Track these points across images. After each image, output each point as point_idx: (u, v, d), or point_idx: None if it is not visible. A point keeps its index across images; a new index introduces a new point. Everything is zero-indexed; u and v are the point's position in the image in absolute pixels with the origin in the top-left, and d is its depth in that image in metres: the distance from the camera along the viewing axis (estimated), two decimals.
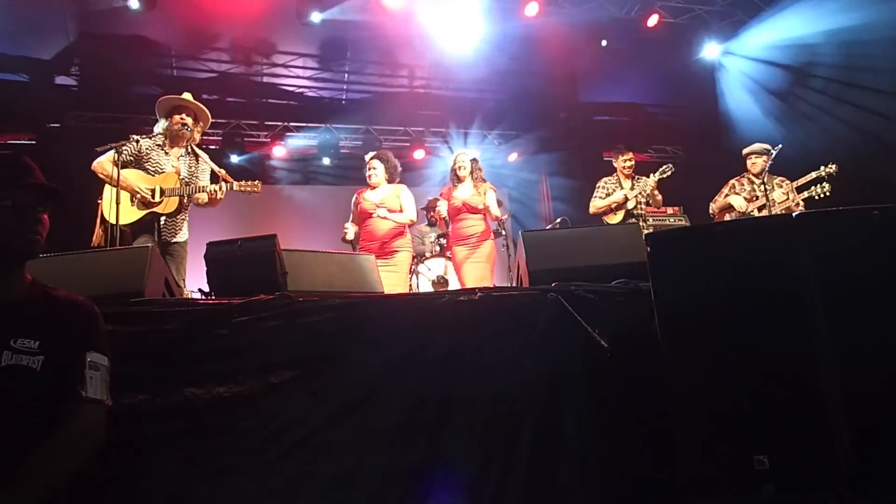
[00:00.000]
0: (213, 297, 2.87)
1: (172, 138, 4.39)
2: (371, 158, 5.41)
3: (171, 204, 4.25)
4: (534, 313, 2.57)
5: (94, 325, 1.78)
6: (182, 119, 4.37)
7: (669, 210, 6.80)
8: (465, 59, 7.87)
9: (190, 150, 4.49)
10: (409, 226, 5.40)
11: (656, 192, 6.05)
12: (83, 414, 1.64)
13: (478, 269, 5.38)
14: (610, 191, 6.15)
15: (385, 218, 5.16)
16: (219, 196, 4.32)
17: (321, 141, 9.27)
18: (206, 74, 8.37)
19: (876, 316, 2.05)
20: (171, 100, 4.45)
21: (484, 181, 5.65)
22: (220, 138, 8.84)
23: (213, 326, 2.41)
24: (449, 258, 6.05)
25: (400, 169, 5.49)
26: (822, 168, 5.39)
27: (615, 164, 6.25)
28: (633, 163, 6.18)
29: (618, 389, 2.50)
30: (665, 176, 5.91)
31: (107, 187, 4.15)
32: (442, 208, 5.61)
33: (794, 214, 2.22)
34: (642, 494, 2.38)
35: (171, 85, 5.45)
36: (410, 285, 6.40)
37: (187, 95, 4.51)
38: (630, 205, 6.00)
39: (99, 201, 4.21)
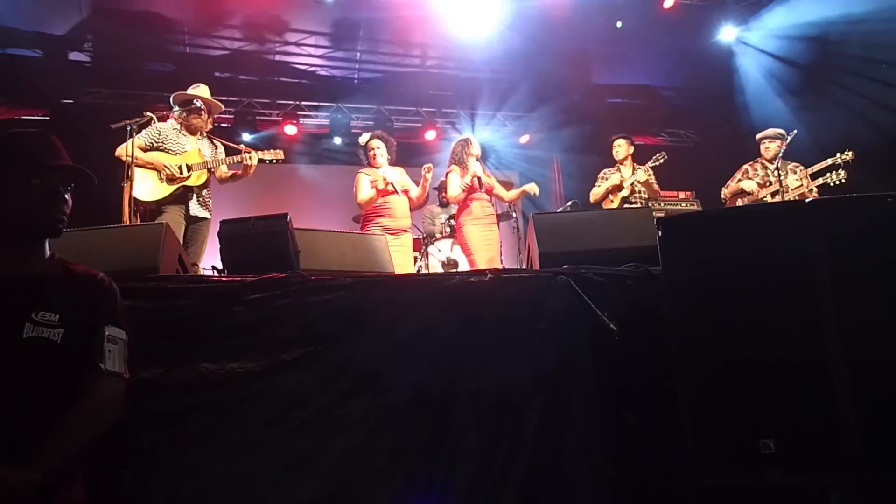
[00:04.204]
0: (227, 275, 2.91)
1: (189, 129, 4.64)
2: (371, 139, 5.38)
3: (199, 177, 4.50)
4: (543, 296, 2.59)
5: (112, 299, 1.81)
6: (200, 115, 4.64)
7: (681, 194, 6.75)
8: (478, 39, 7.79)
9: (205, 136, 4.76)
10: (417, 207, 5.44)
11: (652, 180, 5.99)
12: (102, 386, 1.68)
13: (491, 251, 5.37)
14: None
15: (403, 193, 5.20)
16: (250, 161, 4.55)
17: (333, 120, 9.24)
18: (218, 52, 8.34)
19: (887, 302, 2.04)
20: (187, 95, 4.66)
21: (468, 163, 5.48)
22: (233, 116, 8.82)
23: (227, 303, 2.45)
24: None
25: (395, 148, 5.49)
26: (838, 155, 5.30)
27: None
28: (625, 149, 6.14)
29: (626, 372, 2.52)
30: (658, 164, 5.84)
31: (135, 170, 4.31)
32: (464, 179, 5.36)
33: (806, 200, 2.22)
34: (648, 475, 2.41)
35: (183, 62, 5.38)
36: (420, 266, 6.44)
37: (204, 90, 4.70)
38: (625, 192, 5.99)
39: (123, 185, 4.31)
